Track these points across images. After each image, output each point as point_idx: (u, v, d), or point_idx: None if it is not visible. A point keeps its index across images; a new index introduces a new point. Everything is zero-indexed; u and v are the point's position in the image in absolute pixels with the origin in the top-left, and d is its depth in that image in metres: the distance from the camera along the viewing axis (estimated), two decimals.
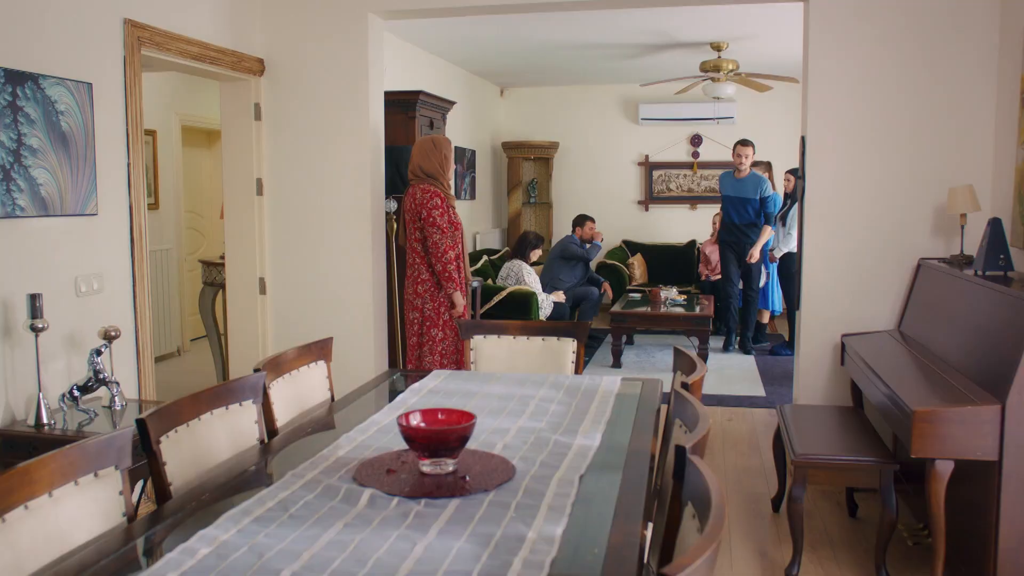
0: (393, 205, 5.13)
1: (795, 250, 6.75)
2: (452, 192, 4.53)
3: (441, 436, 1.95)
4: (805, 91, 4.21)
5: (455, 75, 8.35)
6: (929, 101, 4.04)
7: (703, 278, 8.47)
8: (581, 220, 7.96)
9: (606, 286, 7.89)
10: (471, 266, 7.57)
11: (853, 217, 4.15)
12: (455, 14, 4.69)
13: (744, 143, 7.19)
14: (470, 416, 2.03)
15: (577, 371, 3.37)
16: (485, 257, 7.99)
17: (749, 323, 7.32)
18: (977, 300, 3.16)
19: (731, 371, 6.58)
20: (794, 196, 6.90)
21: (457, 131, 7.98)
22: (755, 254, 7.24)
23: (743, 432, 5.03)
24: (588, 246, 7.76)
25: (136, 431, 2.03)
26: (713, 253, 8.46)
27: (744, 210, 7.24)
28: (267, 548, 1.60)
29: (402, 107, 5.49)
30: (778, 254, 7.16)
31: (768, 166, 7.57)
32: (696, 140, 9.67)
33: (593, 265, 8.42)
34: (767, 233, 7.22)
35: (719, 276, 8.30)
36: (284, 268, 4.80)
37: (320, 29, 4.62)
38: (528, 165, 9.93)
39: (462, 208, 8.43)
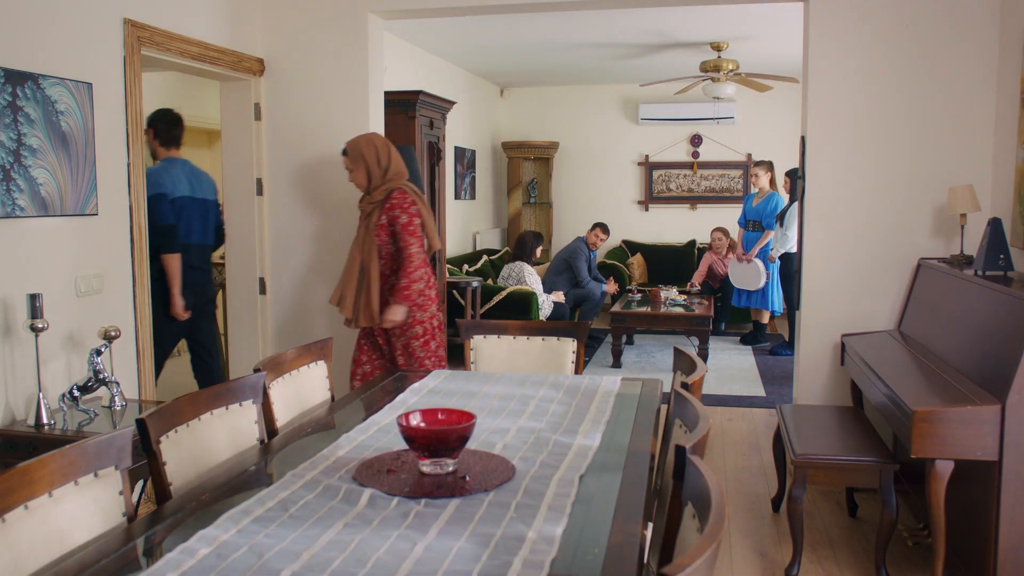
0: None
1: (794, 250, 6.78)
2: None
3: (441, 436, 1.95)
4: (805, 91, 4.21)
5: (455, 75, 8.35)
6: (929, 101, 4.04)
7: (692, 286, 8.35)
8: (606, 228, 8.01)
9: (610, 285, 7.86)
10: (472, 266, 7.58)
11: (853, 217, 4.15)
12: (455, 14, 4.69)
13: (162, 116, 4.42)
14: (470, 416, 2.03)
15: (577, 371, 3.37)
16: (485, 257, 7.99)
17: None
18: (977, 300, 3.16)
19: (731, 371, 6.58)
20: (792, 196, 6.90)
21: (457, 131, 7.99)
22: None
23: (743, 432, 5.03)
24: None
25: (136, 431, 2.03)
26: (710, 263, 8.43)
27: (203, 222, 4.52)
28: (267, 548, 1.60)
29: (402, 107, 5.49)
30: (776, 254, 7.16)
31: (769, 165, 7.53)
32: (696, 140, 9.67)
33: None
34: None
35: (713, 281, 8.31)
36: (284, 268, 4.80)
37: (320, 29, 4.62)
38: (528, 165, 9.93)
39: (463, 208, 8.45)
